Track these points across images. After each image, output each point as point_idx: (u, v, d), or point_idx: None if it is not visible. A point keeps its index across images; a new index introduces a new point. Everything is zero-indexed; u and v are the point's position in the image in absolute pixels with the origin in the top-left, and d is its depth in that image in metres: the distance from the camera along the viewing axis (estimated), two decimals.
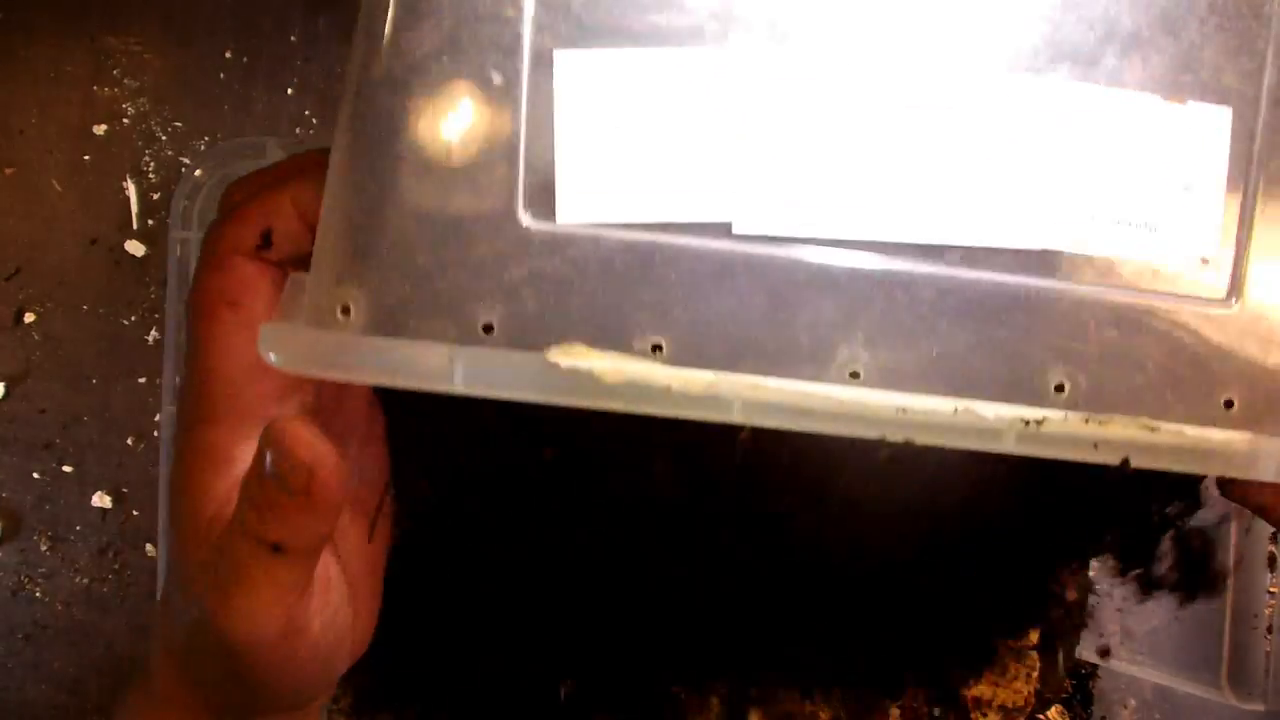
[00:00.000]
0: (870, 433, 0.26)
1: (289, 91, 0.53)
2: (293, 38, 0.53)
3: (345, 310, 0.25)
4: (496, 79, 0.25)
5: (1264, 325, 0.27)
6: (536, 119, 0.26)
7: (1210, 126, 0.27)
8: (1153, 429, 0.26)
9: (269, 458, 0.26)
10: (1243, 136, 0.27)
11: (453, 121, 0.25)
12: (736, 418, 0.26)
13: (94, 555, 0.53)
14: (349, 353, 0.25)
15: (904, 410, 0.25)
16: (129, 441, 0.53)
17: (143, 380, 0.53)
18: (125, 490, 0.53)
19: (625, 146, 0.26)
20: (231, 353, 0.29)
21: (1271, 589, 0.42)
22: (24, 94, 0.53)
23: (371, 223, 0.25)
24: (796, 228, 0.26)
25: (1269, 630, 0.41)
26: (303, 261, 0.28)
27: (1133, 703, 0.51)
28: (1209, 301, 0.27)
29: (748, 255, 0.26)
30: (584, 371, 0.25)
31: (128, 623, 0.53)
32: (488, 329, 0.25)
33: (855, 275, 0.26)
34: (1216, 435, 0.27)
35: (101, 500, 0.53)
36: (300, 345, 0.25)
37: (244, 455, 0.29)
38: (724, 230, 0.26)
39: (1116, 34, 0.27)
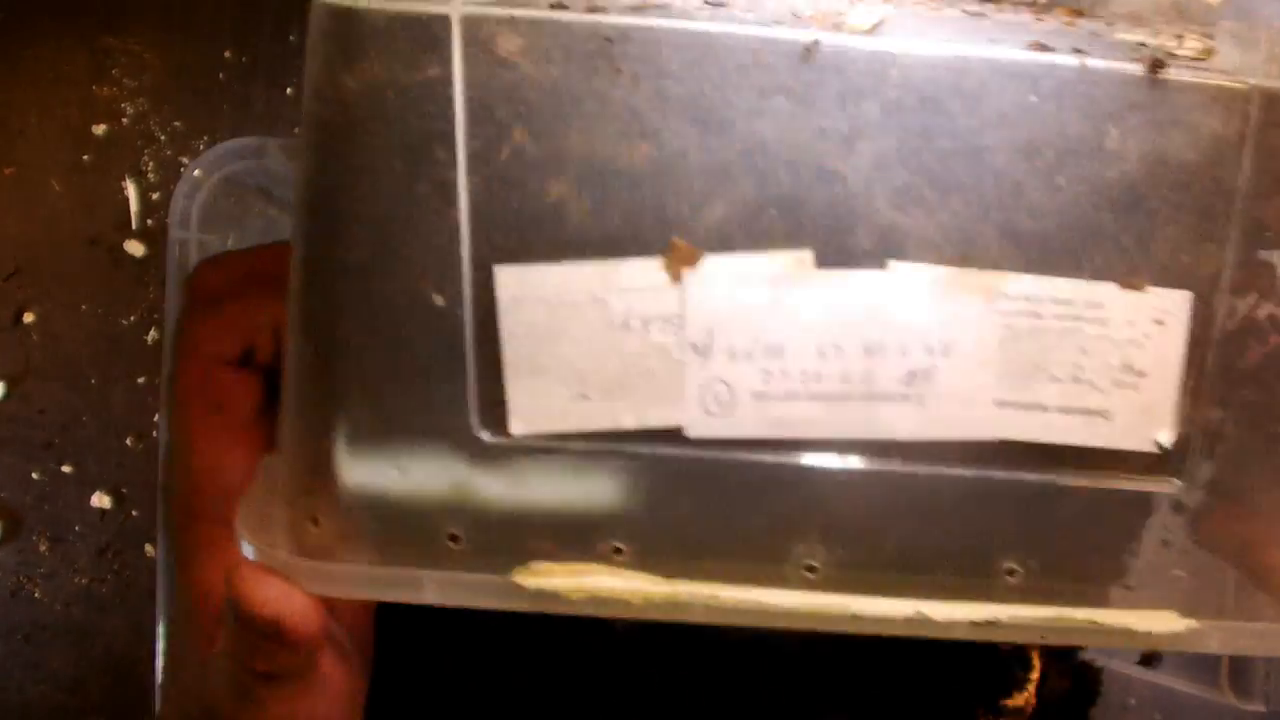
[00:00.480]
0: (826, 628, 0.27)
1: (289, 91, 0.53)
2: (292, 38, 0.53)
3: (315, 520, 0.27)
4: (438, 300, 0.26)
5: (1215, 509, 0.27)
6: (482, 335, 0.26)
7: (1169, 311, 0.26)
8: (1097, 624, 0.27)
9: (234, 613, 0.27)
10: (1201, 319, 0.26)
11: (399, 343, 0.26)
12: (696, 619, 0.27)
13: (93, 555, 0.53)
14: (321, 575, 0.27)
15: (857, 616, 0.26)
16: (128, 441, 0.53)
17: (142, 380, 0.53)
18: (125, 490, 0.53)
19: (574, 357, 0.26)
20: (219, 455, 0.30)
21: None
22: (24, 94, 0.53)
23: (329, 444, 0.26)
24: (749, 430, 0.26)
25: None
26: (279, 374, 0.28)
27: (1133, 702, 0.51)
28: (1161, 484, 0.27)
29: (702, 459, 0.26)
30: (548, 590, 0.26)
31: (127, 623, 0.53)
32: (454, 538, 0.27)
33: (809, 475, 0.27)
34: (1160, 623, 0.27)
35: (101, 500, 0.53)
36: (277, 562, 0.27)
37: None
38: (677, 435, 0.26)
39: (1073, 217, 0.26)
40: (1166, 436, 0.27)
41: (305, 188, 0.26)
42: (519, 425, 0.26)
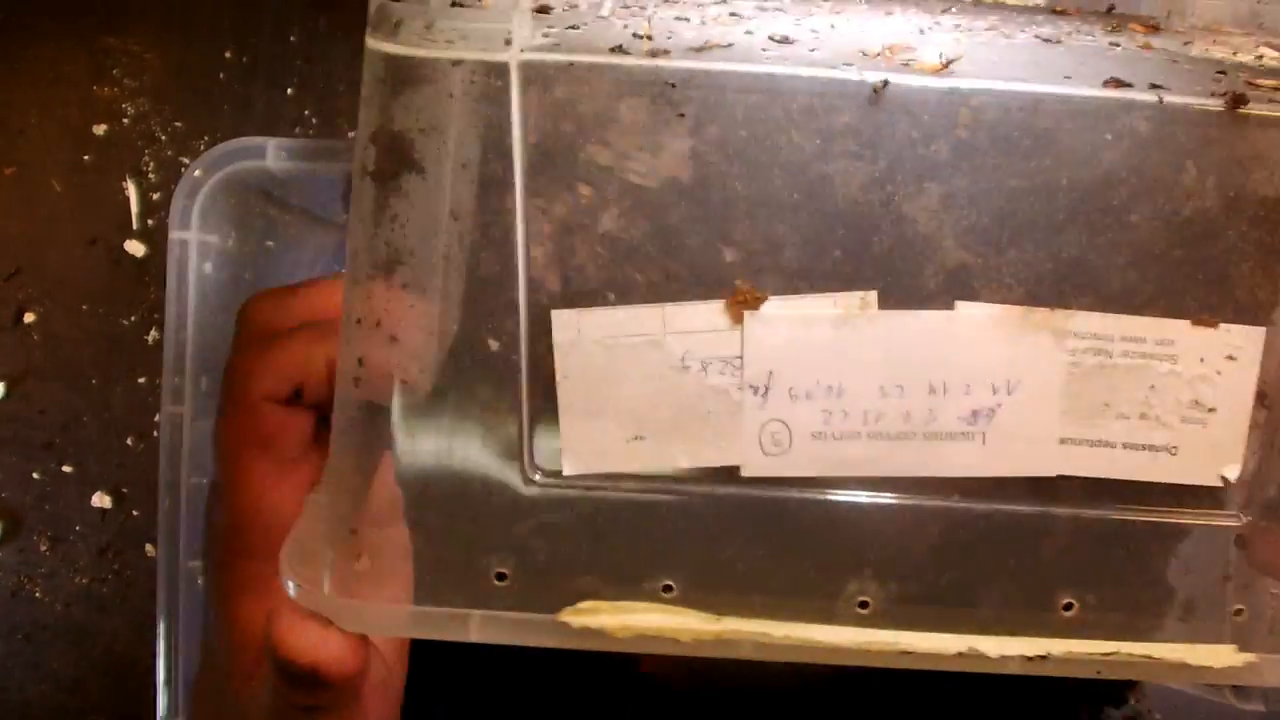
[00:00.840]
0: (876, 664, 0.26)
1: (289, 91, 0.53)
2: (293, 38, 0.53)
3: (359, 558, 0.26)
4: (494, 345, 0.26)
5: (1273, 532, 0.27)
6: (536, 378, 0.26)
7: (1242, 348, 0.26)
8: (1153, 659, 0.26)
9: (272, 656, 0.27)
10: (1273, 352, 0.26)
11: (453, 388, 0.26)
12: (746, 655, 0.26)
13: (94, 555, 0.53)
14: (365, 615, 0.26)
15: (907, 652, 0.26)
16: (129, 441, 0.53)
17: (143, 380, 0.53)
18: (125, 490, 0.53)
19: (629, 399, 0.26)
20: (266, 493, 0.30)
21: (1273, 590, 0.42)
22: (24, 94, 0.53)
23: (379, 487, 0.26)
24: (806, 469, 0.26)
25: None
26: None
27: (1132, 702, 0.51)
28: (1224, 519, 0.27)
29: (756, 498, 0.26)
30: (595, 629, 0.26)
31: (128, 623, 0.53)
32: (500, 577, 0.26)
33: (864, 512, 0.26)
34: (1219, 657, 0.27)
35: (101, 500, 0.53)
36: (318, 601, 0.26)
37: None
38: (731, 474, 0.26)
39: (1147, 254, 0.25)
40: (1233, 471, 0.26)
41: (360, 234, 0.26)
42: (572, 466, 0.26)
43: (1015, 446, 0.26)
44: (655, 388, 0.26)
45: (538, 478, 0.26)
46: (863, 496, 0.26)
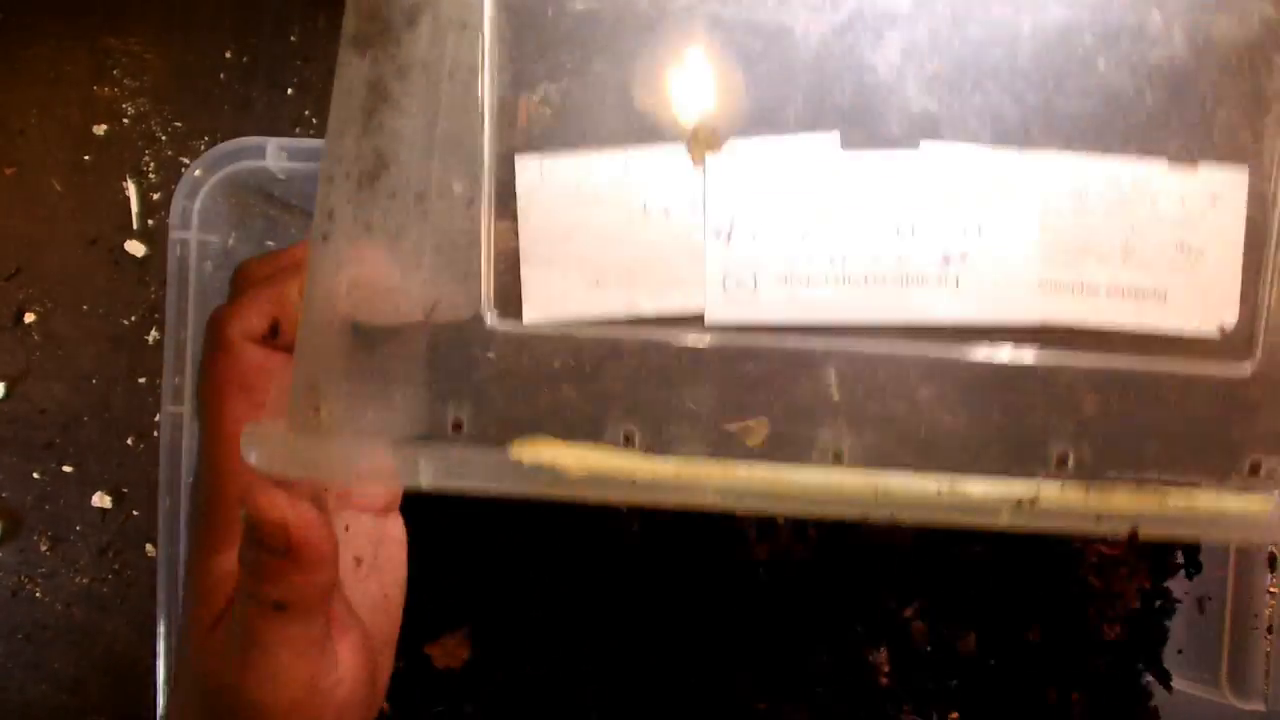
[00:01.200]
0: (852, 513, 0.25)
1: (289, 91, 0.53)
2: (293, 38, 0.53)
3: (317, 409, 0.26)
4: (458, 187, 0.25)
5: None
6: (498, 222, 0.26)
7: (1225, 190, 0.25)
8: (1162, 496, 0.24)
9: (247, 522, 0.27)
10: (1259, 197, 0.25)
11: (414, 229, 0.26)
12: (710, 502, 0.25)
13: (94, 555, 0.53)
14: (319, 456, 0.26)
15: (884, 493, 0.24)
16: (129, 441, 0.53)
17: (143, 380, 0.53)
18: (125, 490, 0.53)
19: (592, 245, 0.25)
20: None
21: (1271, 589, 0.42)
22: (24, 94, 0.53)
23: (341, 330, 0.26)
24: (771, 314, 0.25)
25: (1269, 630, 0.41)
26: None
27: None
28: (1226, 366, 0.25)
29: (721, 344, 0.25)
30: (548, 466, 0.25)
31: (128, 623, 0.53)
32: (457, 426, 0.26)
33: (835, 359, 0.25)
34: (1233, 501, 0.25)
35: (101, 500, 0.53)
36: (276, 448, 0.26)
37: None
38: (695, 320, 0.25)
39: (1116, 99, 0.25)
40: (1230, 318, 0.25)
41: (337, 89, 0.26)
42: (532, 313, 0.26)
43: (992, 291, 0.25)
44: (618, 233, 0.25)
45: (495, 324, 0.26)
46: (834, 343, 0.25)
